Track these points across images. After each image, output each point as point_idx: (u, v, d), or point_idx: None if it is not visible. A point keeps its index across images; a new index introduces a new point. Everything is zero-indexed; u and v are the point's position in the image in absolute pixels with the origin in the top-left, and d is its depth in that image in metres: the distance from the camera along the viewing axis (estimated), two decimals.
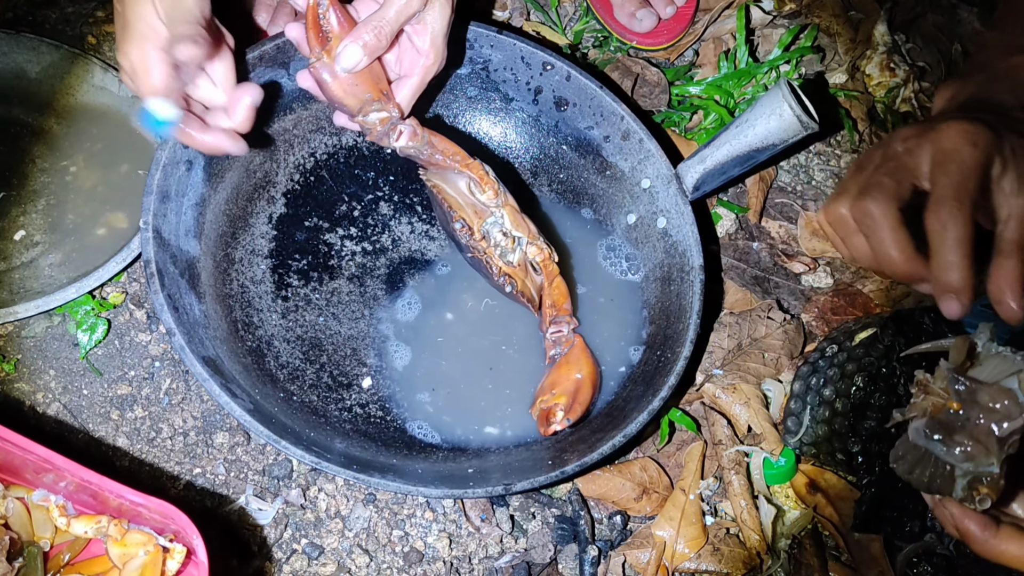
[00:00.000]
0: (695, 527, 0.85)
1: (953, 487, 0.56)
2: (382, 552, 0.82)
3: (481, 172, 0.83)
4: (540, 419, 0.82)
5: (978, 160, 0.59)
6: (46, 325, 0.86)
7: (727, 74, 1.10)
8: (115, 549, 0.68)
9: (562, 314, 0.86)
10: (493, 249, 0.84)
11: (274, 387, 0.82)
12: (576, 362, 0.84)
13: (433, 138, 0.83)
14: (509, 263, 0.85)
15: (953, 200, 0.58)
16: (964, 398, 0.56)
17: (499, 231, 0.84)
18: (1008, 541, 0.57)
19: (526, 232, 0.85)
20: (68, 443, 0.81)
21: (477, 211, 0.84)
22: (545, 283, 0.87)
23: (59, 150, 0.93)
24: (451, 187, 0.84)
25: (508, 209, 0.84)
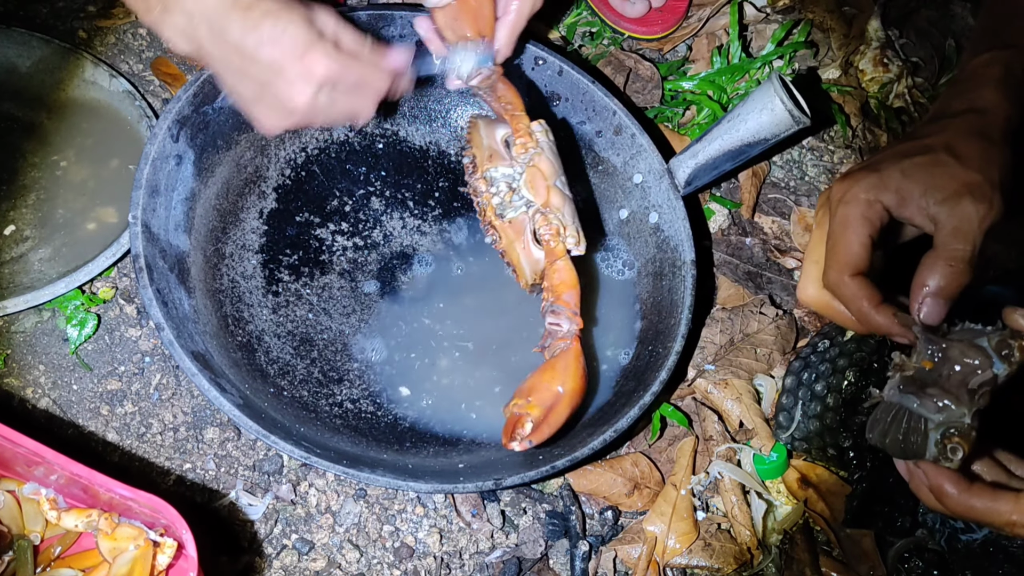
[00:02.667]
0: (686, 522, 0.85)
1: (926, 446, 0.58)
2: (373, 547, 0.82)
3: (521, 128, 0.80)
4: (507, 425, 0.75)
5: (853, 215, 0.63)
6: (36, 320, 0.86)
7: (720, 69, 1.10)
8: (105, 543, 0.68)
9: (560, 304, 0.78)
10: (491, 195, 0.80)
11: (264, 382, 0.82)
12: (563, 372, 0.76)
13: (500, 84, 0.82)
14: (501, 216, 0.80)
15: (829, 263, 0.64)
16: (936, 357, 0.59)
17: (506, 183, 0.80)
18: (979, 496, 0.58)
19: (542, 200, 0.79)
20: (58, 438, 0.81)
21: (492, 155, 0.81)
22: (546, 263, 0.79)
23: (49, 145, 0.93)
24: (485, 129, 0.82)
25: (531, 171, 0.79)
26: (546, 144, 0.81)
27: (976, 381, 0.58)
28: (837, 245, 0.63)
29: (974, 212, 0.61)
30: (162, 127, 0.79)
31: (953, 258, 0.61)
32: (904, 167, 0.63)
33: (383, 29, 0.91)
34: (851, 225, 0.63)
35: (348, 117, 0.77)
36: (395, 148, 0.97)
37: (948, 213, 0.61)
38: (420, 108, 0.97)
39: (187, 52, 0.71)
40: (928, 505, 0.62)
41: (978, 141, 0.64)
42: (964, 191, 0.61)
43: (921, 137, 0.66)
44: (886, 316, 0.62)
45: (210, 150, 0.85)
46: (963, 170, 0.62)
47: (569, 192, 0.82)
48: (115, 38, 1.01)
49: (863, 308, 0.62)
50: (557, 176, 0.80)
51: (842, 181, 0.65)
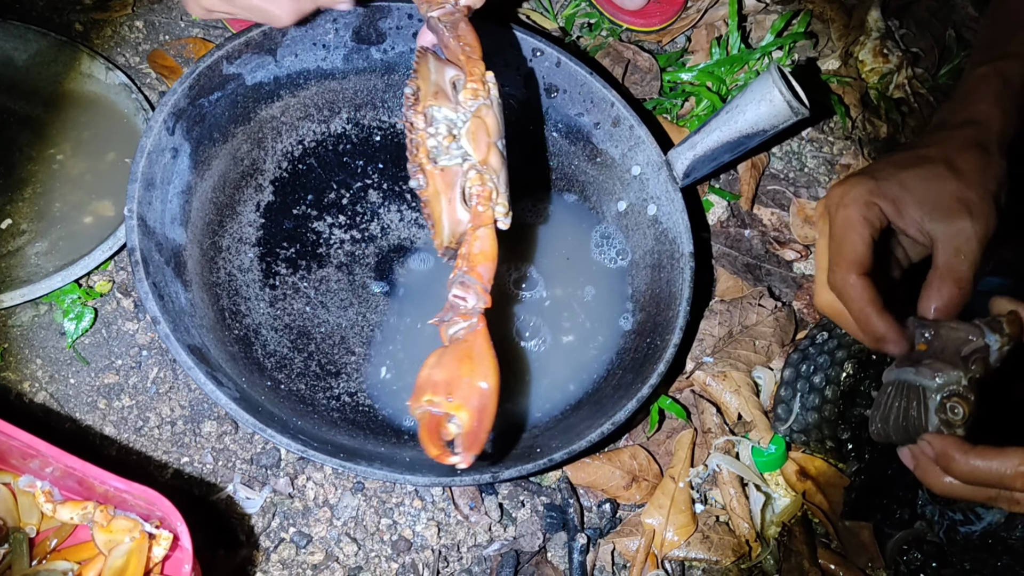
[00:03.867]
0: (684, 515, 0.85)
1: (927, 418, 0.59)
2: (370, 540, 0.81)
3: (476, 73, 0.73)
4: (428, 427, 0.65)
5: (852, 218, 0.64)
6: (32, 314, 0.86)
7: (719, 60, 1.09)
8: (101, 535, 0.68)
9: (473, 276, 0.69)
10: (428, 135, 0.72)
11: (261, 376, 0.82)
12: (482, 361, 0.66)
13: (463, 23, 0.76)
14: (434, 161, 0.72)
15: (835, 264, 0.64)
16: (929, 337, 0.61)
17: (448, 126, 0.72)
18: (984, 455, 0.58)
19: (481, 156, 0.71)
20: (55, 432, 0.81)
21: (439, 93, 0.73)
22: (469, 228, 0.71)
23: (46, 138, 0.93)
24: (435, 64, 0.75)
25: (476, 122, 0.72)
26: (495, 99, 0.74)
27: (968, 348, 0.59)
28: (841, 245, 0.64)
29: (972, 231, 0.62)
30: (157, 120, 0.79)
31: (956, 279, 0.62)
32: (901, 178, 0.64)
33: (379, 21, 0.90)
34: (852, 225, 0.63)
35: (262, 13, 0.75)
36: (392, 140, 0.97)
37: (945, 231, 0.62)
38: None
39: None
40: (935, 488, 0.61)
41: (975, 153, 0.65)
42: (961, 208, 0.62)
43: (918, 148, 0.67)
44: (887, 321, 0.63)
45: (206, 143, 0.84)
46: (959, 185, 0.63)
47: (506, 158, 0.74)
48: (111, 31, 1.01)
49: (865, 310, 0.63)
50: (500, 136, 0.73)
51: (839, 187, 0.66)
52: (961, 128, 0.67)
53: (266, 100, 0.89)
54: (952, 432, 0.58)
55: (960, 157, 0.64)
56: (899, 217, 0.64)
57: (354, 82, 0.94)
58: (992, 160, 0.65)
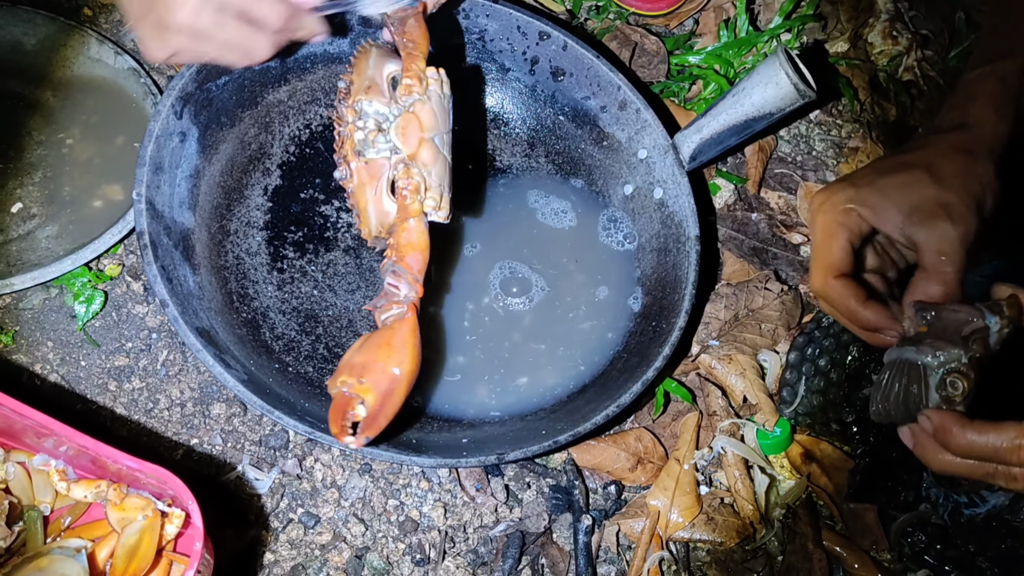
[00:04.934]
0: (689, 496, 0.85)
1: (928, 395, 0.60)
2: (378, 521, 0.82)
3: (414, 68, 0.72)
4: (335, 408, 0.68)
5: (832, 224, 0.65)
6: (43, 297, 0.87)
7: (727, 43, 1.09)
8: (114, 513, 0.69)
9: (403, 267, 0.70)
10: (355, 128, 0.72)
11: (269, 358, 0.82)
12: (400, 349, 0.68)
13: (412, 20, 0.75)
14: (359, 154, 0.72)
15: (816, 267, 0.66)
16: (931, 321, 0.61)
17: (376, 120, 0.72)
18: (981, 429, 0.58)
19: (410, 150, 0.71)
20: (67, 413, 0.82)
21: (371, 88, 0.73)
22: (396, 219, 0.72)
23: (55, 122, 0.94)
24: (375, 59, 0.75)
25: (408, 117, 0.72)
26: (436, 95, 0.73)
27: (968, 328, 0.60)
28: (819, 250, 0.66)
29: (953, 234, 0.63)
30: (165, 104, 0.79)
31: (940, 280, 0.63)
32: (880, 185, 0.65)
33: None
34: (830, 230, 0.65)
35: (239, 51, 0.69)
36: None
37: (927, 235, 0.64)
38: None
39: None
40: (933, 464, 0.61)
41: (960, 158, 0.65)
42: (940, 212, 0.63)
43: (902, 154, 0.68)
44: (874, 310, 0.64)
45: (214, 127, 0.85)
46: (939, 190, 0.64)
47: (448, 154, 0.75)
48: (120, 15, 1.01)
49: (850, 306, 0.65)
50: (437, 132, 0.73)
51: (821, 192, 0.68)
52: (949, 133, 0.68)
53: (273, 84, 0.89)
54: (952, 408, 0.59)
55: (942, 162, 0.65)
56: (880, 222, 0.65)
57: None
58: (977, 165, 0.65)
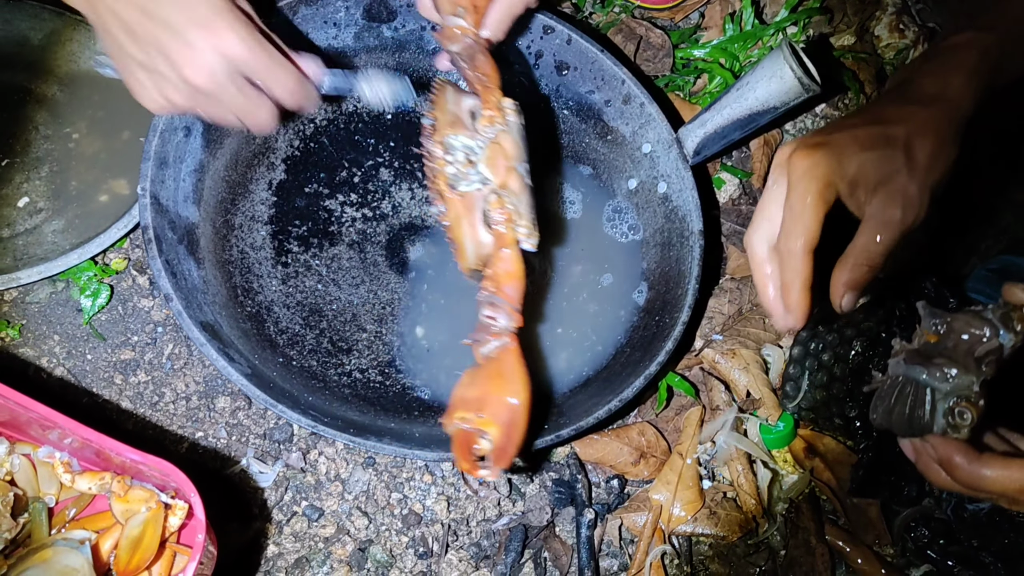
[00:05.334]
0: (692, 491, 0.85)
1: (934, 418, 0.58)
2: (381, 514, 0.83)
3: (492, 100, 0.75)
4: (459, 443, 0.68)
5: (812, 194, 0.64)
6: (50, 291, 0.87)
7: (732, 36, 1.08)
8: (118, 505, 0.69)
9: (501, 297, 0.72)
10: (446, 163, 0.74)
11: (273, 352, 0.83)
12: (512, 379, 0.69)
13: (480, 55, 0.77)
14: (452, 187, 0.74)
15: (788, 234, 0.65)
16: (940, 330, 0.60)
17: (465, 153, 0.74)
18: (989, 464, 0.59)
19: (499, 180, 0.73)
20: (73, 406, 0.83)
21: (455, 122, 0.75)
22: (493, 249, 0.73)
23: (62, 117, 0.94)
24: (453, 95, 0.77)
25: (494, 148, 0.74)
26: (515, 124, 0.76)
27: (982, 350, 0.58)
28: (800, 220, 0.64)
29: (898, 222, 0.64)
30: None
31: (870, 261, 0.64)
32: (863, 160, 0.65)
33: None
34: (813, 201, 0.64)
35: (242, 117, 0.69)
36: (404, 119, 0.97)
37: (876, 215, 0.64)
38: (429, 80, 0.97)
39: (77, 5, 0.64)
40: (937, 483, 0.62)
41: (932, 141, 0.65)
42: (899, 200, 0.64)
43: (887, 123, 0.67)
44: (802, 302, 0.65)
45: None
46: (908, 178, 0.64)
47: (530, 182, 0.76)
48: None
49: (795, 282, 0.64)
50: (520, 161, 0.75)
51: (805, 158, 0.65)
52: (931, 105, 0.67)
53: None
54: (957, 434, 0.58)
55: (920, 144, 0.65)
56: (848, 197, 0.65)
57: (365, 60, 0.94)
58: (945, 149, 0.66)
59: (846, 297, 0.65)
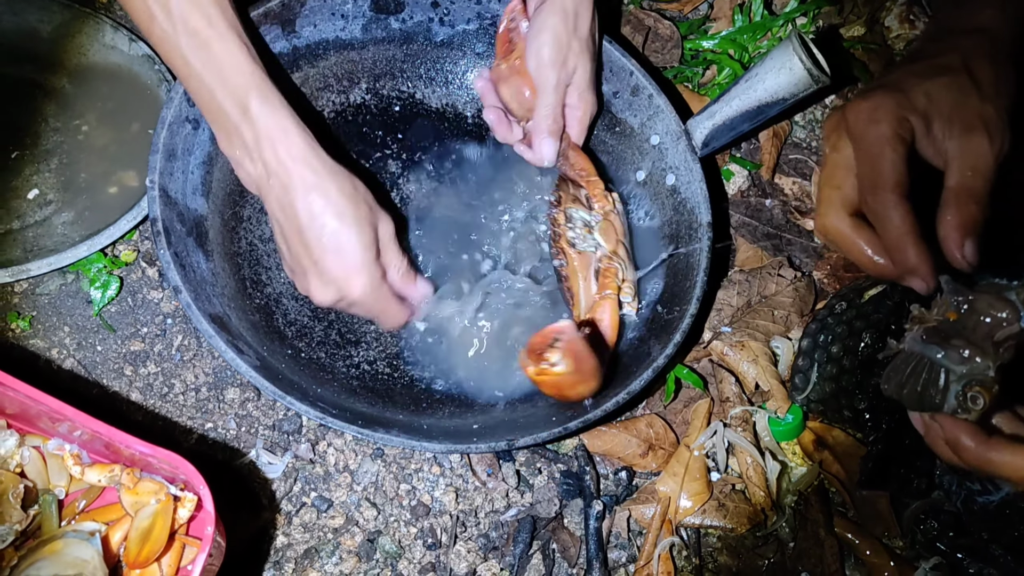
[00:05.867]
0: (699, 482, 0.85)
1: (946, 398, 0.58)
2: (390, 505, 0.83)
3: (598, 192, 0.87)
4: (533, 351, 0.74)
5: (886, 134, 0.59)
6: (60, 283, 0.88)
7: (742, 27, 1.08)
8: (128, 497, 0.70)
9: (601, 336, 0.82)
10: (567, 228, 0.86)
11: (282, 344, 0.83)
12: None
13: (572, 152, 0.88)
14: (572, 244, 0.85)
15: (874, 186, 0.59)
16: (962, 309, 0.58)
17: (583, 223, 0.86)
18: (997, 449, 0.58)
19: (611, 247, 0.85)
20: (83, 398, 0.83)
21: (576, 200, 0.87)
22: (596, 302, 0.83)
23: (71, 109, 0.94)
24: (571, 185, 0.89)
25: (606, 223, 0.86)
26: (621, 210, 0.88)
27: (1002, 334, 0.57)
28: (878, 165, 0.59)
29: (988, 149, 0.59)
30: (179, 91, 0.80)
31: (974, 197, 0.58)
32: (928, 89, 0.60)
33: None
34: (889, 143, 0.59)
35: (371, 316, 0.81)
36: (411, 110, 0.97)
37: (962, 149, 0.59)
38: (437, 71, 0.97)
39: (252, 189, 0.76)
40: (944, 458, 0.61)
41: (990, 65, 0.61)
42: (980, 125, 0.59)
43: (936, 56, 0.63)
44: (922, 253, 0.58)
45: None
46: (979, 99, 0.60)
47: (634, 262, 0.88)
48: None
49: (903, 238, 0.58)
50: (625, 239, 0.87)
51: (864, 101, 0.60)
52: (972, 36, 0.63)
53: (286, 71, 0.89)
54: (967, 416, 0.58)
55: (977, 66, 0.61)
56: (924, 137, 0.60)
57: (373, 52, 0.94)
58: (1004, 72, 0.62)
59: (966, 244, 0.58)
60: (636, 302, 0.86)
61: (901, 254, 0.59)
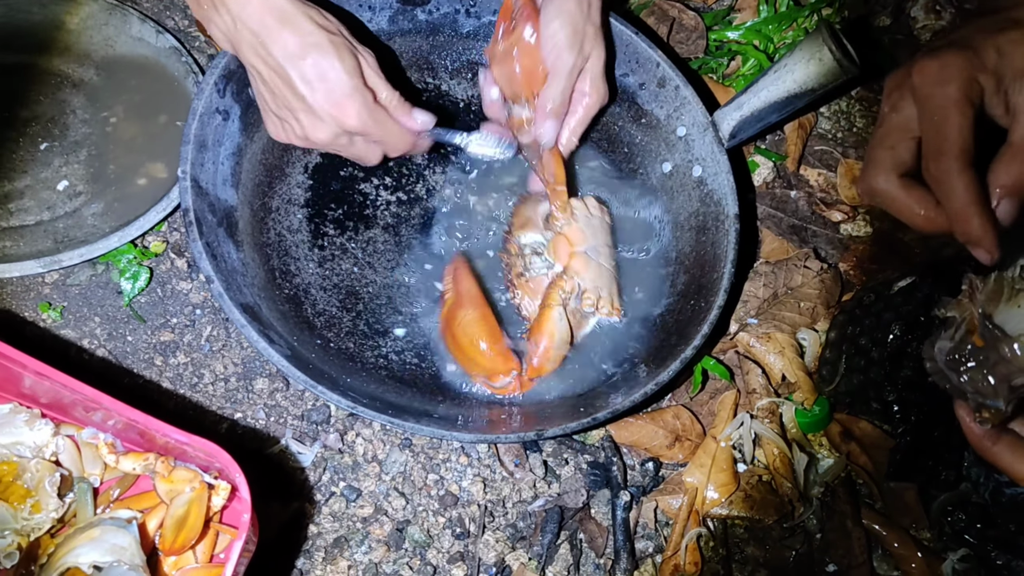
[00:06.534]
0: (725, 474, 0.85)
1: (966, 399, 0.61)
2: (418, 495, 0.83)
3: (559, 203, 0.87)
4: None
5: (954, 97, 0.56)
6: (90, 273, 0.88)
7: (767, 18, 1.07)
8: (162, 485, 0.70)
9: (532, 343, 0.83)
10: (516, 259, 0.87)
11: (311, 334, 0.83)
12: None
13: (547, 155, 0.86)
14: (522, 275, 0.86)
15: (938, 152, 0.56)
16: (987, 339, 0.59)
17: (531, 248, 0.87)
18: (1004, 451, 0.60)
19: (563, 262, 0.85)
20: (114, 387, 0.83)
21: (526, 223, 0.88)
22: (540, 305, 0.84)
23: (99, 101, 0.95)
24: (531, 204, 0.89)
25: (558, 238, 0.86)
26: (583, 216, 0.87)
27: (1020, 380, 0.59)
28: (944, 129, 0.56)
29: None
30: (209, 82, 0.80)
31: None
32: (999, 44, 0.57)
33: None
34: (957, 106, 0.55)
35: (355, 158, 0.81)
36: (437, 102, 0.97)
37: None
38: (463, 62, 0.97)
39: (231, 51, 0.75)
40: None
41: None
42: None
43: (1003, 9, 0.60)
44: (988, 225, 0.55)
45: (255, 105, 0.85)
46: None
47: (606, 262, 0.87)
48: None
49: (968, 209, 0.55)
50: (588, 245, 0.86)
51: (932, 60, 0.57)
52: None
53: None
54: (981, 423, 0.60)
55: None
56: (995, 95, 0.56)
57: (399, 43, 0.94)
58: None
59: (1003, 203, 0.56)
60: (606, 305, 0.85)
61: (965, 224, 0.56)
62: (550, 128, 0.84)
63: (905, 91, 0.59)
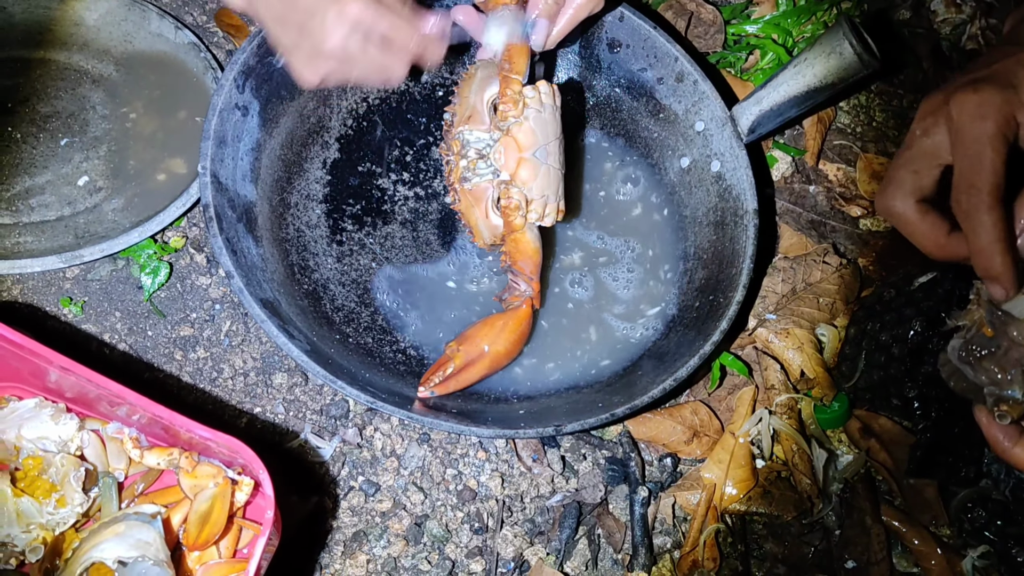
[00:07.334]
0: (744, 470, 0.85)
1: (984, 400, 0.61)
2: (436, 490, 0.84)
3: (510, 93, 0.77)
4: (438, 362, 0.80)
5: (991, 133, 0.57)
6: (111, 268, 0.89)
7: (786, 11, 1.07)
8: (186, 480, 0.71)
9: (518, 269, 0.80)
10: (460, 157, 0.80)
11: (330, 329, 0.84)
12: (500, 332, 0.81)
13: (513, 50, 0.80)
14: (464, 181, 0.79)
15: (970, 186, 0.57)
16: (997, 327, 0.59)
17: (476, 149, 0.79)
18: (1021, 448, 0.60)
19: (509, 171, 0.78)
20: (135, 381, 0.83)
21: (472, 116, 0.79)
22: (504, 232, 0.80)
23: (119, 97, 0.95)
24: (478, 83, 0.80)
25: (506, 140, 0.77)
26: (534, 112, 0.78)
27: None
28: (978, 164, 0.56)
29: None
30: (228, 78, 0.80)
31: None
32: None
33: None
34: (991, 143, 0.56)
35: (379, 73, 0.76)
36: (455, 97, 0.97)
37: None
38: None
39: (239, 6, 0.73)
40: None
41: None
42: None
43: None
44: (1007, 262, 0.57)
45: (274, 100, 0.86)
46: None
47: (555, 162, 0.80)
48: None
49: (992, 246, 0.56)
50: (537, 147, 0.78)
51: (973, 94, 0.58)
52: None
53: None
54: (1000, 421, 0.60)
55: None
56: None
57: None
58: None
59: None
60: (547, 213, 0.79)
61: (987, 260, 0.57)
62: (541, 29, 0.81)
63: (940, 118, 0.60)
